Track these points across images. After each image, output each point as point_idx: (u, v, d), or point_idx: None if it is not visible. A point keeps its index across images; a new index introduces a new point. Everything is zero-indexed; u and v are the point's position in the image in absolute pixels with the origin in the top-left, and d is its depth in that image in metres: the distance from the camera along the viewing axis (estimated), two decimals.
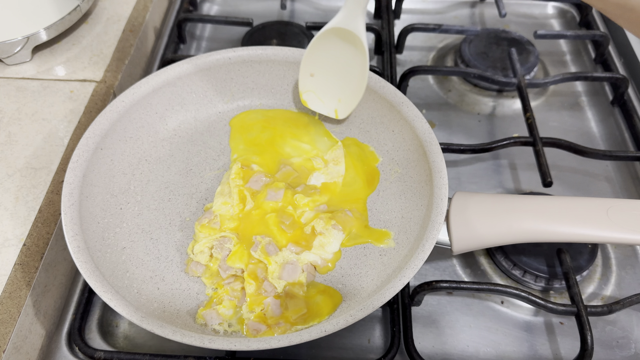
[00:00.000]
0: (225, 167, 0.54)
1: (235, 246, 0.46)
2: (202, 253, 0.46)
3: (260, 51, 0.55)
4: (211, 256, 0.46)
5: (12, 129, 0.53)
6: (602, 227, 0.42)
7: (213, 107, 0.57)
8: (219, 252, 0.46)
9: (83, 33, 0.64)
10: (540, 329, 0.48)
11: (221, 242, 0.47)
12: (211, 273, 0.46)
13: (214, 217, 0.48)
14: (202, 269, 0.46)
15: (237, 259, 0.45)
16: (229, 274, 0.45)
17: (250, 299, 0.44)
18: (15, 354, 0.42)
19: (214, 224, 0.48)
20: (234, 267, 0.45)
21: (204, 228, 0.48)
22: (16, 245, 0.45)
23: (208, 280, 0.45)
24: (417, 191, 0.49)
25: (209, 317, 0.43)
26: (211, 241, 0.47)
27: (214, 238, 0.47)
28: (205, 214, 0.49)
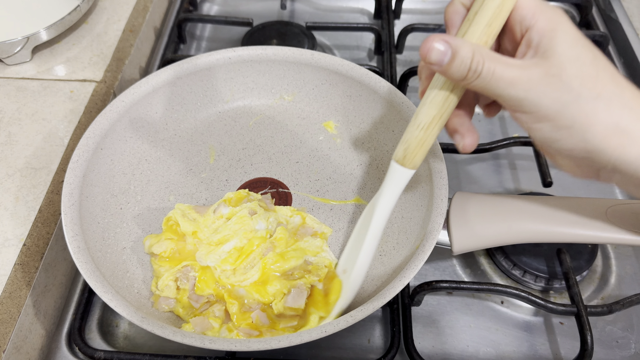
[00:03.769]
0: (225, 167, 0.54)
1: (198, 272, 0.44)
2: (168, 287, 0.44)
3: (260, 51, 0.55)
4: (178, 288, 0.44)
5: (12, 129, 0.53)
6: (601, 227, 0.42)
7: (213, 107, 0.57)
8: (185, 283, 0.44)
9: (83, 33, 0.64)
10: (540, 329, 0.48)
11: (184, 272, 0.44)
12: (183, 305, 0.43)
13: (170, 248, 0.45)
14: (173, 302, 0.44)
15: (205, 285, 0.43)
16: (201, 302, 0.43)
17: (236, 316, 0.42)
18: (15, 354, 0.42)
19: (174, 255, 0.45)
20: (204, 294, 0.43)
21: (162, 261, 0.45)
22: (16, 245, 0.45)
23: (183, 313, 0.43)
24: (417, 191, 0.49)
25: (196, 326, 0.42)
26: (174, 274, 0.44)
27: (176, 270, 0.44)
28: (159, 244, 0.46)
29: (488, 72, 0.31)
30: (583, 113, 0.30)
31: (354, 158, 0.55)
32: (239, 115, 0.58)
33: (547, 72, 0.30)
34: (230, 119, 0.58)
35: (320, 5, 0.80)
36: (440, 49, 0.31)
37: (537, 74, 0.31)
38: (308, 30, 0.71)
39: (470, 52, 0.31)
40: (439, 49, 0.31)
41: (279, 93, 0.58)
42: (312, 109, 0.58)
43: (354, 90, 0.55)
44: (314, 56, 0.55)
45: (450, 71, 0.32)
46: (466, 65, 0.31)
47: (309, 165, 0.54)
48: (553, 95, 0.30)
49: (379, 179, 0.52)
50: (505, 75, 0.31)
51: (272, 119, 0.58)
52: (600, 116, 0.30)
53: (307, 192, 0.53)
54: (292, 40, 0.70)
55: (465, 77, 0.32)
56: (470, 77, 0.31)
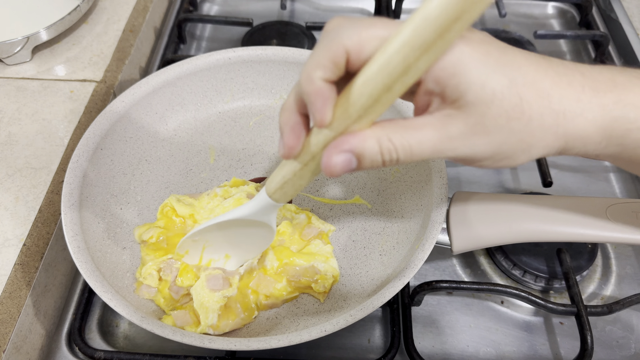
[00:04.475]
0: (225, 167, 0.54)
1: (182, 265, 0.44)
2: (151, 276, 0.44)
3: (260, 51, 0.55)
4: (160, 279, 0.44)
5: (12, 129, 0.53)
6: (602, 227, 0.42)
7: (213, 107, 0.57)
8: (168, 274, 0.44)
9: (83, 33, 0.64)
10: (540, 329, 0.48)
11: (169, 263, 0.45)
12: (164, 296, 0.44)
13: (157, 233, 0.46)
14: (154, 291, 0.44)
15: (186, 278, 0.44)
16: (181, 294, 0.43)
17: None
18: (15, 354, 0.42)
19: (162, 243, 0.45)
20: (184, 287, 0.44)
21: (149, 250, 0.46)
22: (16, 245, 0.45)
23: (163, 303, 0.44)
24: (417, 191, 0.49)
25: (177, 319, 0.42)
26: (158, 264, 0.45)
27: (161, 260, 0.45)
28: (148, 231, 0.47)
29: (405, 152, 0.28)
30: (521, 142, 0.28)
31: None
32: (239, 115, 0.58)
33: (468, 124, 0.27)
34: (230, 119, 0.58)
35: (320, 5, 0.80)
36: (341, 161, 0.28)
37: (457, 130, 0.27)
38: (308, 30, 0.71)
39: (375, 145, 0.27)
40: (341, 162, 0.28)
41: (279, 93, 0.58)
42: None
43: None
44: None
45: (364, 169, 0.29)
46: (378, 160, 0.28)
47: None
48: (483, 142, 0.28)
49: (379, 179, 0.52)
50: (424, 145, 0.27)
51: (272, 119, 0.58)
52: (537, 135, 0.28)
53: (307, 192, 0.53)
54: (292, 40, 0.70)
55: (383, 165, 0.29)
56: (389, 163, 0.28)
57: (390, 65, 0.25)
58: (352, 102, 0.27)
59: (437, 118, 0.28)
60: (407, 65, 0.25)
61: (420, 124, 0.28)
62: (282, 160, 0.33)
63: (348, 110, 0.27)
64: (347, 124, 0.28)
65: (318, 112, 0.27)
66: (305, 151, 0.30)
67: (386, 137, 0.27)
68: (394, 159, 0.28)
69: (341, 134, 0.28)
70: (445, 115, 0.27)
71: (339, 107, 0.27)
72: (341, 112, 0.27)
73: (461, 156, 0.29)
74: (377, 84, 0.26)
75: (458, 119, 0.27)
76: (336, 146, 0.28)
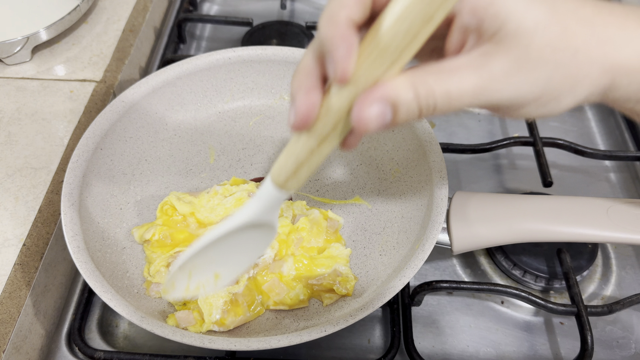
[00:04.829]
0: (225, 167, 0.54)
1: None
2: (160, 273, 0.44)
3: (260, 51, 0.55)
4: None
5: (12, 129, 0.53)
6: (602, 227, 0.42)
7: (213, 107, 0.57)
8: None
9: (83, 33, 0.64)
10: (540, 329, 0.48)
11: (177, 257, 0.43)
12: None
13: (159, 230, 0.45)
14: None
15: None
16: None
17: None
18: (15, 354, 0.42)
19: (165, 239, 0.45)
20: None
21: (154, 247, 0.45)
22: (16, 245, 0.45)
23: (174, 301, 0.43)
24: (417, 191, 0.49)
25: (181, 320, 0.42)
26: (166, 259, 0.44)
27: (168, 255, 0.44)
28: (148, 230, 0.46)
29: (444, 99, 0.24)
30: (568, 78, 0.25)
31: (354, 158, 0.55)
32: (239, 115, 0.58)
33: (510, 59, 0.24)
34: (230, 119, 0.57)
35: (320, 5, 0.80)
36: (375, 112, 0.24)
37: (499, 67, 0.24)
38: (308, 30, 0.71)
39: (411, 93, 0.24)
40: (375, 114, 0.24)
41: (279, 93, 0.58)
42: None
43: None
44: None
45: (399, 123, 0.25)
46: (414, 110, 0.25)
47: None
48: (529, 79, 0.25)
49: (379, 179, 0.52)
50: (463, 88, 0.24)
51: (272, 119, 0.58)
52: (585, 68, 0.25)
53: (307, 191, 0.53)
54: (292, 40, 0.70)
55: (420, 116, 0.25)
56: (426, 113, 0.25)
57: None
58: (384, 45, 0.23)
59: (475, 57, 0.24)
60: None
61: (456, 65, 0.24)
62: (291, 141, 0.29)
63: (379, 57, 0.23)
64: (376, 74, 0.24)
65: (341, 62, 0.23)
66: (323, 120, 0.26)
67: (422, 81, 0.24)
68: (431, 106, 0.24)
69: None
70: (484, 53, 0.24)
71: (364, 57, 0.24)
72: (368, 62, 0.24)
73: (504, 100, 0.25)
74: (416, 16, 0.22)
75: (499, 54, 0.24)
76: (367, 96, 0.24)
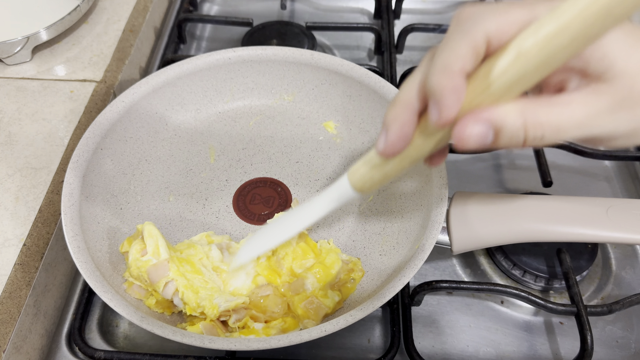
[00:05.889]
0: (225, 167, 0.54)
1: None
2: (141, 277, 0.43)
3: (260, 51, 0.55)
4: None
5: (12, 129, 0.53)
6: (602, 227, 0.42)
7: (213, 107, 0.57)
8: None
9: (83, 33, 0.64)
10: (540, 329, 0.48)
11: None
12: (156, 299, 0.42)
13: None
14: (144, 292, 0.43)
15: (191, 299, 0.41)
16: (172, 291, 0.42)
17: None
18: (15, 354, 0.42)
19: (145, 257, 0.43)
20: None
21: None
22: (16, 245, 0.45)
23: (156, 305, 0.43)
24: (417, 191, 0.49)
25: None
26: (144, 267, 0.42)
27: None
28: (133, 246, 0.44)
29: (552, 129, 0.25)
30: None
31: (354, 158, 0.55)
32: (239, 115, 0.58)
33: (615, 97, 0.26)
34: (230, 119, 0.58)
35: (320, 5, 0.80)
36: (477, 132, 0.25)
37: (604, 104, 0.26)
38: (308, 30, 0.71)
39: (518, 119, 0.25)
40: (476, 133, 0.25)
41: (279, 93, 0.58)
42: (312, 109, 0.58)
43: (354, 90, 0.55)
44: (313, 56, 0.55)
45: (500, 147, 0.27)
46: (519, 136, 0.26)
47: (309, 165, 0.54)
48: (628, 117, 0.26)
49: None
50: (572, 122, 0.26)
51: (272, 119, 0.58)
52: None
53: (307, 192, 0.53)
54: (292, 40, 0.70)
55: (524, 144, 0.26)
56: (532, 142, 0.26)
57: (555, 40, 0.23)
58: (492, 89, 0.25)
59: (584, 94, 0.26)
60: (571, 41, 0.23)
61: (567, 100, 0.26)
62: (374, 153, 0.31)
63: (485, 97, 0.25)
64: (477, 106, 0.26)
65: (446, 112, 0.25)
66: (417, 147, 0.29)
67: (532, 110, 0.25)
68: (538, 136, 0.25)
69: None
70: (593, 91, 0.26)
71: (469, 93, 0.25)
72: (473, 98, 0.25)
73: (604, 133, 0.27)
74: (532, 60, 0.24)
75: (606, 93, 0.26)
76: (473, 115, 0.25)
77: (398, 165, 0.31)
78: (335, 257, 0.45)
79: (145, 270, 0.42)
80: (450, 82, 0.25)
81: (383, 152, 0.29)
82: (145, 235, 0.43)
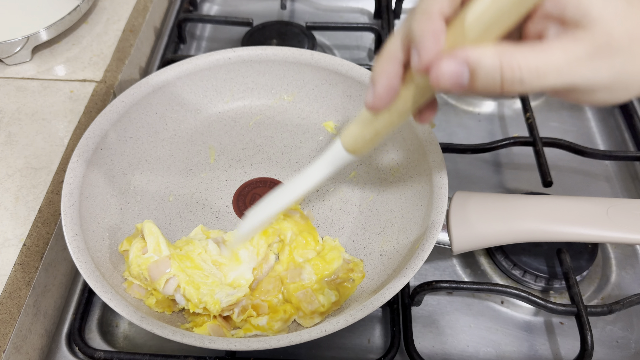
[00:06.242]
0: (225, 167, 0.54)
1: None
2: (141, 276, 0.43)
3: (260, 51, 0.55)
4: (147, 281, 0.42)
5: (12, 129, 0.53)
6: (602, 227, 0.42)
7: (213, 107, 0.57)
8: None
9: (83, 33, 0.64)
10: (540, 329, 0.48)
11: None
12: (157, 296, 0.42)
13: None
14: (144, 292, 0.43)
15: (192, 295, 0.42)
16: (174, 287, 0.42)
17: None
18: (15, 354, 0.42)
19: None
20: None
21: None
22: (16, 245, 0.45)
23: (156, 304, 0.43)
24: (417, 191, 0.49)
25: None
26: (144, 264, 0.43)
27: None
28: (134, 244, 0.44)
29: (531, 73, 0.25)
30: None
31: None
32: (239, 115, 0.58)
33: (594, 43, 0.26)
34: (230, 119, 0.58)
35: (320, 5, 0.80)
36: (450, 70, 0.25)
37: (583, 50, 0.26)
38: (308, 30, 0.71)
39: (496, 60, 0.25)
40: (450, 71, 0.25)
41: (279, 93, 0.58)
42: (312, 109, 0.58)
43: (354, 90, 0.55)
44: (313, 56, 0.55)
45: (478, 88, 0.26)
46: (496, 78, 0.25)
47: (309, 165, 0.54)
48: (607, 65, 0.26)
49: (379, 179, 0.52)
50: (551, 66, 0.25)
51: (272, 119, 0.58)
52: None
53: None
54: (292, 40, 0.70)
55: (502, 88, 0.26)
56: (510, 86, 0.26)
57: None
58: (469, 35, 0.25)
59: (562, 40, 0.26)
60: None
61: (546, 46, 0.26)
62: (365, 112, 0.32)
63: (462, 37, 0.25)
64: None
65: (426, 55, 0.25)
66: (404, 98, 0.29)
67: (509, 53, 0.25)
68: (516, 78, 0.25)
69: None
70: (571, 37, 0.26)
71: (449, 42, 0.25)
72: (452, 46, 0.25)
73: (583, 81, 0.27)
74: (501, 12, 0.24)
75: (584, 39, 0.26)
76: (449, 54, 0.25)
77: (387, 120, 0.31)
78: (337, 255, 0.46)
79: (146, 267, 0.42)
80: (429, 25, 0.25)
81: (372, 106, 0.29)
82: (145, 233, 0.43)
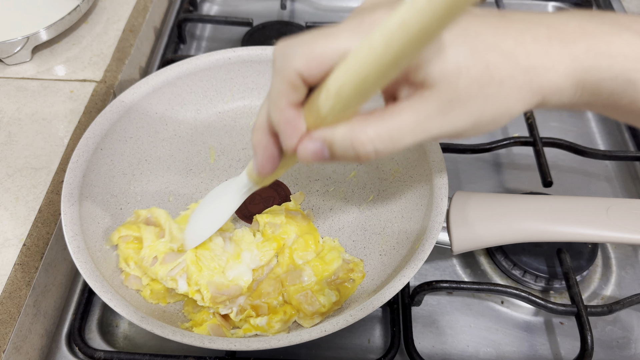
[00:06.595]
0: (225, 167, 0.54)
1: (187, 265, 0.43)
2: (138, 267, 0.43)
3: (260, 51, 0.55)
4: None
5: (12, 129, 0.53)
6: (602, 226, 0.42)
7: (213, 107, 0.57)
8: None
9: (83, 33, 0.64)
10: (540, 329, 0.48)
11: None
12: (152, 288, 0.43)
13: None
14: (140, 282, 0.43)
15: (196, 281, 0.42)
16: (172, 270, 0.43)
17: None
18: (15, 354, 0.42)
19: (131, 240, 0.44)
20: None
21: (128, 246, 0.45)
22: (16, 245, 0.45)
23: (151, 296, 0.43)
24: (417, 191, 0.49)
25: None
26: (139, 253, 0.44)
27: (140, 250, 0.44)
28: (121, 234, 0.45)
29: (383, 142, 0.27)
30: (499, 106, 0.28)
31: None
32: (239, 115, 0.58)
33: (443, 100, 0.26)
34: (230, 119, 0.57)
35: (320, 5, 0.80)
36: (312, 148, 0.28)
37: (434, 107, 0.27)
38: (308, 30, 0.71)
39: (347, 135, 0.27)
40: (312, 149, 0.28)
41: None
42: None
43: None
44: None
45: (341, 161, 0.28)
46: (349, 151, 0.27)
47: (309, 165, 0.54)
48: (463, 115, 0.27)
49: (379, 179, 0.52)
50: (404, 129, 0.27)
51: None
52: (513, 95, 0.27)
53: (306, 192, 0.53)
54: None
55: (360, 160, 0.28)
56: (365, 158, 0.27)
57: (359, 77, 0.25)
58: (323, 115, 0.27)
59: (411, 101, 0.27)
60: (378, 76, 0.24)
61: (397, 110, 0.27)
62: None
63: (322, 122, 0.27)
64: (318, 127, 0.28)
65: (288, 140, 0.28)
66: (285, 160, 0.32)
67: (359, 128, 0.27)
68: (369, 150, 0.27)
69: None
70: (419, 97, 0.27)
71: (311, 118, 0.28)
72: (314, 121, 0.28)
73: (444, 133, 0.28)
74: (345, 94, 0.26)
75: (432, 97, 0.26)
76: (309, 135, 0.28)
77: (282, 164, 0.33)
78: (336, 255, 0.45)
79: (163, 252, 0.43)
80: (282, 116, 0.28)
81: (259, 173, 0.32)
82: (161, 220, 0.45)
